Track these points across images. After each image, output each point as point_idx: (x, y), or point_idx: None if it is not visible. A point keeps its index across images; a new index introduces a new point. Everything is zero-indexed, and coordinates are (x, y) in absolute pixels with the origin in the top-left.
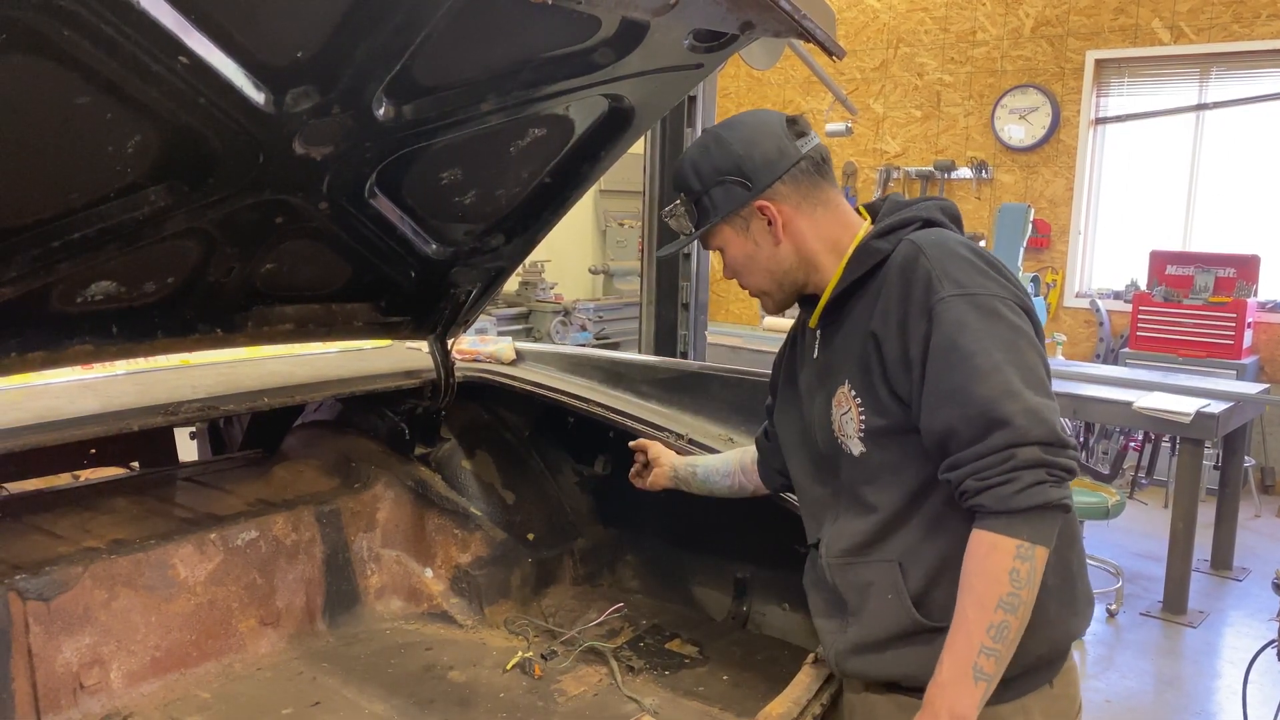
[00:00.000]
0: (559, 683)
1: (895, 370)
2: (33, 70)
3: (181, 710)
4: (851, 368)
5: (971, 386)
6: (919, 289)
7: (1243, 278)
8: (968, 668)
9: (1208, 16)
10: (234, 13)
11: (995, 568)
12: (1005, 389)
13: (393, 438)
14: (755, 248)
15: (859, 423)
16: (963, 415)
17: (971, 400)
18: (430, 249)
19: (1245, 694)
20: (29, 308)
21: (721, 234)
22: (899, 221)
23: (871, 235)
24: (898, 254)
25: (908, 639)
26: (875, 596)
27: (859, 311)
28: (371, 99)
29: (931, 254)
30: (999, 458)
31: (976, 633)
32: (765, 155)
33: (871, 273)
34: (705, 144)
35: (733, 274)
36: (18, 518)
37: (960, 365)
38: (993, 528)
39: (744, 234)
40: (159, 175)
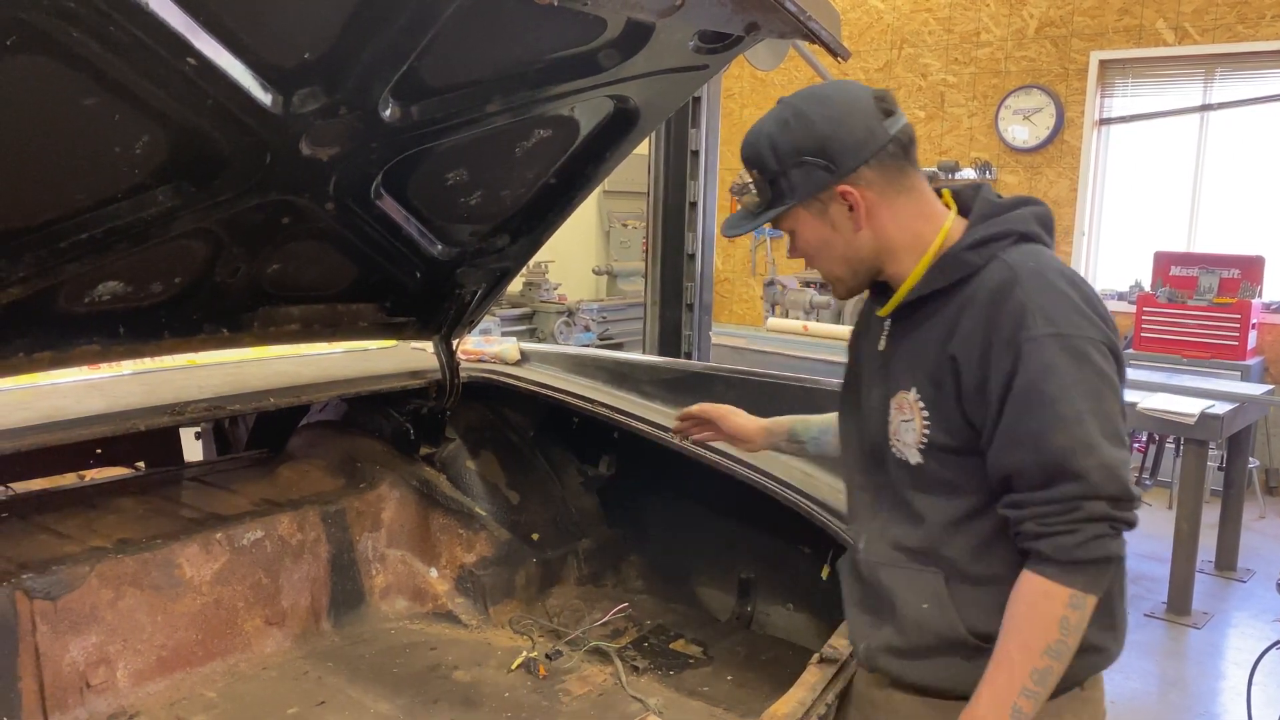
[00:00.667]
0: (564, 682)
1: (971, 397)
2: (42, 71)
3: (187, 709)
4: (922, 378)
5: (1050, 434)
6: (1009, 321)
7: (1247, 279)
8: (1007, 707)
9: (1212, 17)
10: (242, 14)
11: (1046, 615)
12: (1084, 441)
13: (398, 438)
14: (832, 233)
15: (921, 434)
16: (1036, 460)
17: (1047, 448)
18: (435, 249)
19: (1250, 695)
20: (37, 308)
21: (795, 216)
22: (992, 234)
23: (962, 245)
24: (990, 274)
25: (947, 651)
26: (913, 603)
27: (938, 322)
28: (378, 100)
29: (1028, 284)
30: (1065, 507)
31: (1019, 674)
32: (853, 136)
33: (955, 283)
34: (784, 118)
35: (802, 256)
36: (24, 517)
37: (1041, 410)
38: (1049, 574)
39: (821, 218)
40: (166, 176)
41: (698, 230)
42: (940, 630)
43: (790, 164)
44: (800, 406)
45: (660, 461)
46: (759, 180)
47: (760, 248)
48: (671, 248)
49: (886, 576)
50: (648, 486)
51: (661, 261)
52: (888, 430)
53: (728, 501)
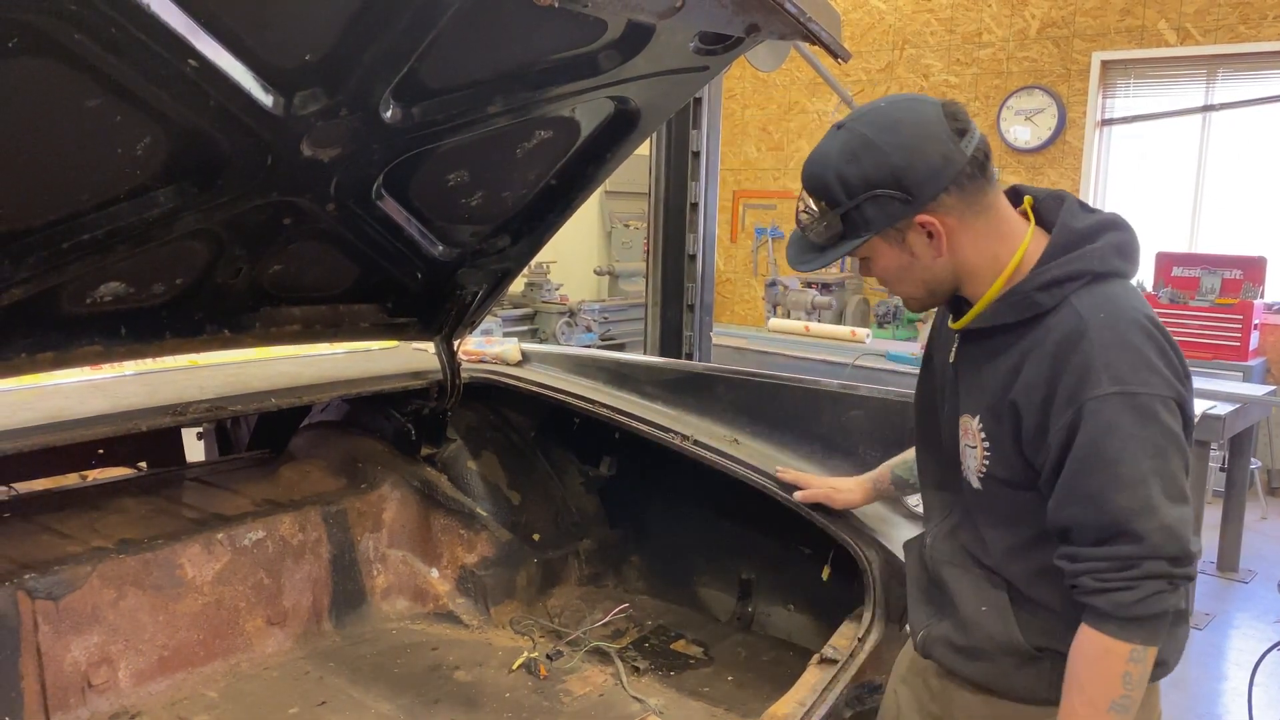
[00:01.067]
0: (564, 683)
1: (1030, 442)
2: (44, 73)
3: (189, 709)
4: (984, 408)
5: (1110, 494)
6: (1072, 377)
7: (1249, 279)
8: None
9: (1214, 18)
10: (243, 16)
11: (1109, 672)
12: (1145, 503)
13: (399, 438)
14: (911, 260)
15: (981, 463)
16: (1095, 519)
17: (1108, 508)
18: (437, 250)
19: (1251, 696)
20: (39, 308)
21: (871, 245)
22: (1067, 274)
23: (1034, 284)
24: (1060, 321)
25: (1002, 654)
26: (974, 605)
27: (1003, 360)
28: (379, 101)
29: (1095, 337)
30: (1122, 564)
31: None
32: (928, 164)
33: (1023, 321)
34: (852, 149)
35: (874, 277)
36: (26, 517)
37: (1102, 470)
38: (1107, 631)
39: (898, 246)
40: (168, 177)
41: (699, 231)
42: (996, 635)
43: (862, 198)
44: (801, 407)
45: (661, 462)
46: (826, 212)
47: (762, 248)
48: (672, 248)
49: (949, 575)
50: (648, 487)
51: (662, 262)
52: (957, 446)
53: (728, 503)
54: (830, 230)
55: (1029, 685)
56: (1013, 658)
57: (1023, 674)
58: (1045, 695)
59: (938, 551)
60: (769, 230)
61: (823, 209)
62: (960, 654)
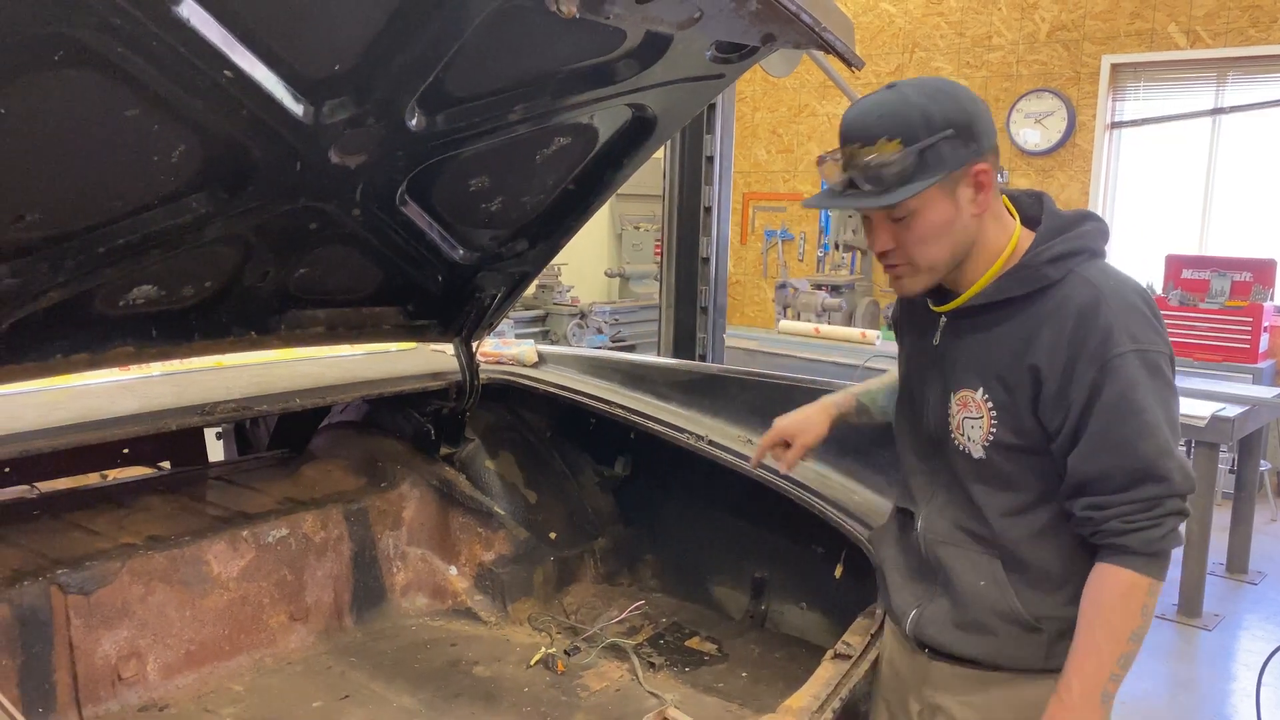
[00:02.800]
0: (581, 678)
1: (1049, 404)
2: (86, 84)
3: (215, 702)
4: (990, 379)
5: (1136, 441)
6: (1095, 338)
7: (1259, 281)
8: (1097, 692)
9: (1224, 21)
10: (277, 28)
11: (1133, 604)
12: (1165, 447)
13: (418, 438)
14: (954, 215)
15: (988, 432)
16: (1122, 465)
17: (1135, 454)
18: (457, 254)
19: (1259, 696)
20: (74, 311)
21: (927, 195)
22: (1068, 250)
23: (1042, 258)
24: (1072, 290)
25: (1001, 626)
26: (969, 579)
27: (1010, 329)
28: (405, 110)
29: (1112, 304)
30: (1149, 504)
31: (1108, 662)
32: (989, 118)
33: (1029, 294)
34: (933, 90)
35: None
36: (56, 515)
37: (1129, 420)
38: (1134, 567)
39: (949, 198)
40: (201, 183)
41: (712, 234)
42: (996, 606)
43: (941, 135)
44: None
45: (675, 462)
46: (901, 153)
47: (772, 250)
48: (686, 251)
49: (945, 553)
50: (663, 487)
51: (676, 265)
52: (948, 423)
53: (741, 501)
54: (904, 167)
55: (1028, 655)
56: (1013, 627)
57: (1023, 644)
58: (1042, 664)
59: (932, 531)
60: (779, 232)
61: (894, 148)
62: (959, 630)
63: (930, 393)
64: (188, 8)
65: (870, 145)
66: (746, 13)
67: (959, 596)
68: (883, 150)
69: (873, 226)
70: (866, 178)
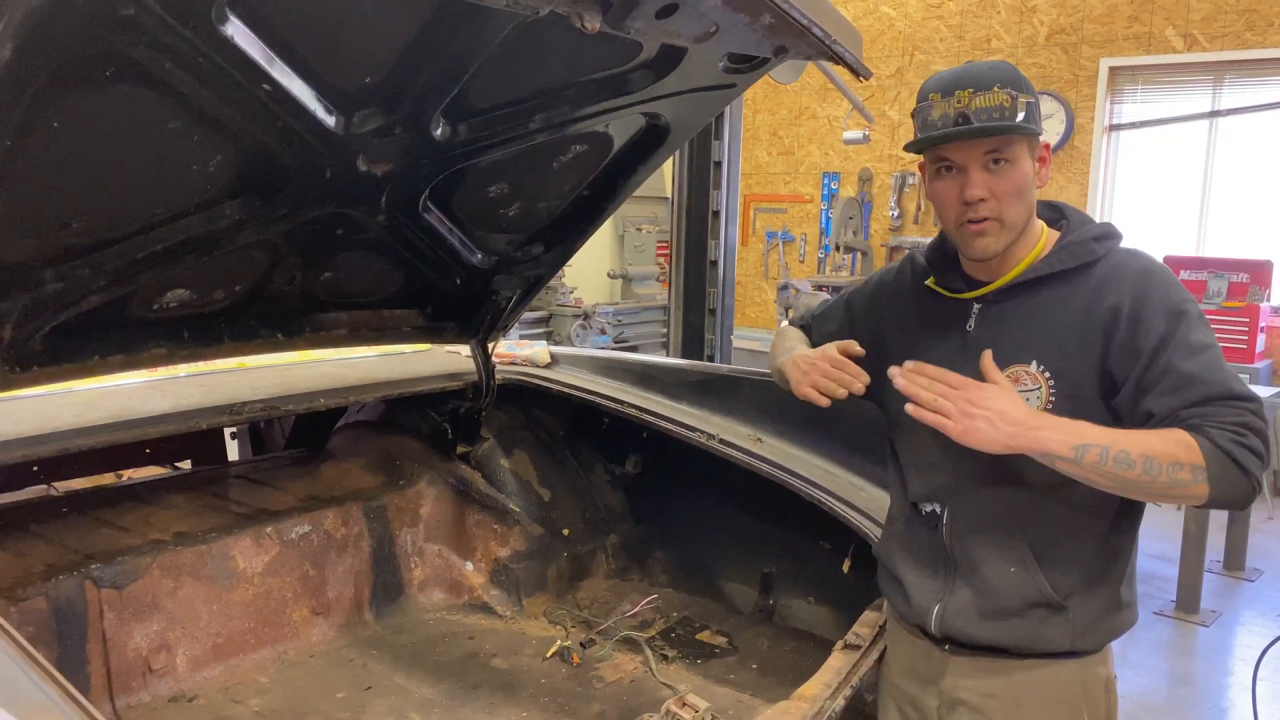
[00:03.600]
0: (596, 670)
1: (1118, 356)
2: (134, 98)
3: (242, 693)
4: (1048, 350)
5: (1218, 371)
6: (1158, 293)
7: (1255, 282)
8: (1080, 440)
9: (1221, 24)
10: (313, 43)
11: (1176, 451)
12: (1235, 375)
13: (435, 437)
14: (1032, 177)
15: (1046, 402)
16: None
17: (1215, 380)
18: (475, 258)
19: (1255, 689)
20: (112, 314)
21: (1023, 149)
22: (1107, 233)
23: (1089, 235)
24: (1126, 260)
25: (1027, 610)
26: (998, 567)
27: (1066, 299)
28: (430, 120)
29: (1160, 268)
30: (1240, 412)
31: (1122, 443)
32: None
33: (1076, 268)
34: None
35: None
36: (84, 512)
37: (1203, 354)
38: (1200, 445)
39: (1032, 158)
40: (235, 191)
41: (720, 237)
42: (1023, 590)
43: (1035, 100)
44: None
45: (685, 460)
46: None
47: (773, 251)
48: (695, 254)
49: (972, 543)
50: (673, 484)
51: (685, 267)
52: None
53: (750, 498)
54: (1019, 110)
55: (1055, 637)
56: (1040, 610)
57: (1049, 626)
58: (1069, 646)
59: (959, 522)
60: (780, 234)
61: (1008, 95)
62: (987, 619)
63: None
64: (233, 26)
65: (987, 90)
66: (760, 26)
67: (985, 585)
68: (997, 95)
69: (966, 177)
70: (985, 117)
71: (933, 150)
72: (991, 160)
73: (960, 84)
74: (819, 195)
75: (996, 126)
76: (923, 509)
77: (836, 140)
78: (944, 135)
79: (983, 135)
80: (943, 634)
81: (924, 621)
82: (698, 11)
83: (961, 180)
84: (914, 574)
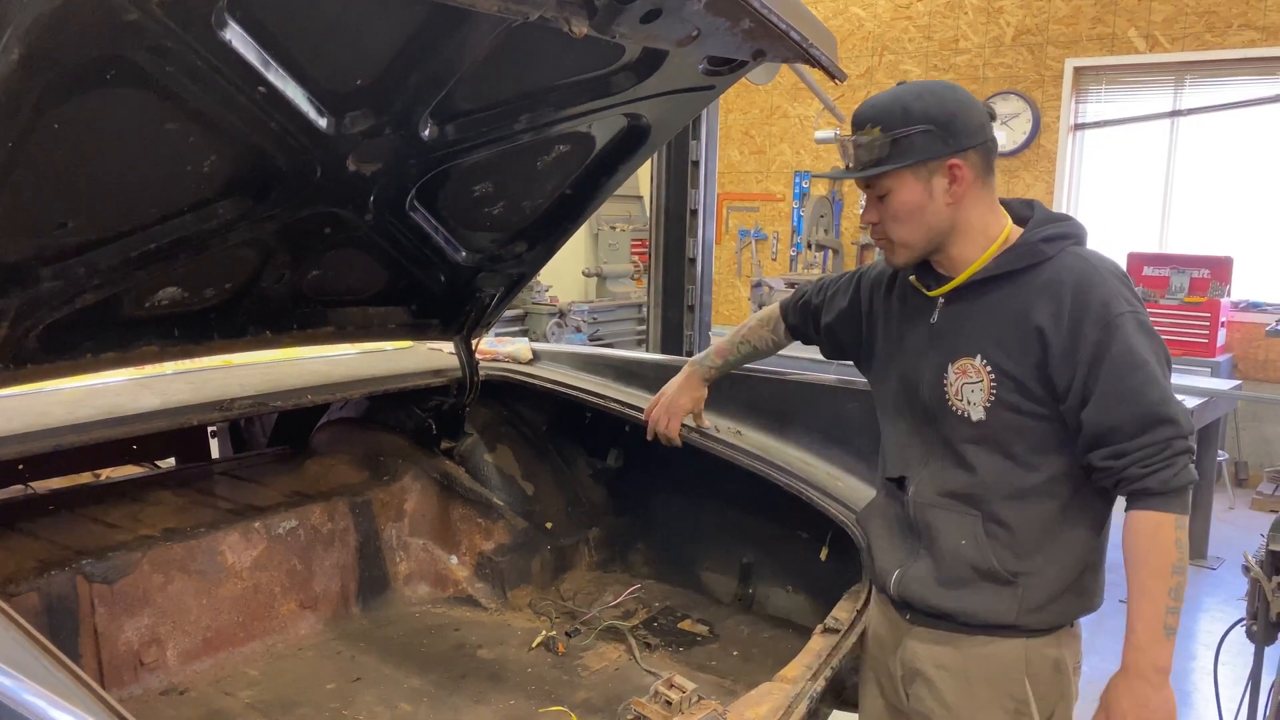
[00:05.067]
0: (581, 659)
1: (1057, 364)
2: (133, 101)
3: (233, 686)
4: (989, 345)
5: (1145, 390)
6: (1096, 303)
7: (1216, 278)
8: (1159, 627)
9: (1181, 26)
10: (308, 47)
11: (1165, 541)
12: (1166, 395)
13: (419, 433)
14: (927, 200)
15: (988, 395)
16: (1134, 413)
17: (1144, 401)
18: (460, 256)
19: (1216, 672)
20: (105, 312)
21: (900, 177)
22: (1060, 233)
23: (1038, 237)
24: (1067, 264)
25: (979, 581)
26: (953, 539)
27: (1008, 299)
28: (419, 121)
29: (1103, 274)
30: (1161, 447)
31: (1160, 598)
32: (972, 120)
33: (1025, 268)
34: (920, 91)
35: (881, 219)
36: (73, 509)
37: (1136, 372)
38: (1156, 507)
39: (923, 184)
40: (228, 191)
41: (698, 235)
42: (975, 562)
43: (917, 128)
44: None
45: (665, 453)
46: (879, 138)
47: (745, 249)
48: (673, 252)
49: (932, 516)
50: (653, 477)
51: (664, 266)
52: (945, 393)
53: (729, 490)
54: (878, 151)
55: (1002, 609)
56: (990, 583)
57: (998, 598)
58: (1013, 620)
59: (922, 496)
60: (752, 232)
61: (874, 135)
62: (940, 586)
63: (926, 369)
64: (231, 30)
65: (860, 130)
66: (740, 31)
67: (941, 555)
68: (868, 134)
69: (867, 203)
70: (854, 157)
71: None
72: (874, 194)
73: (852, 121)
74: (791, 194)
75: (859, 169)
76: (896, 481)
77: (808, 139)
78: (829, 174)
79: (846, 177)
80: (901, 598)
81: (885, 583)
82: (680, 16)
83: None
84: (882, 539)
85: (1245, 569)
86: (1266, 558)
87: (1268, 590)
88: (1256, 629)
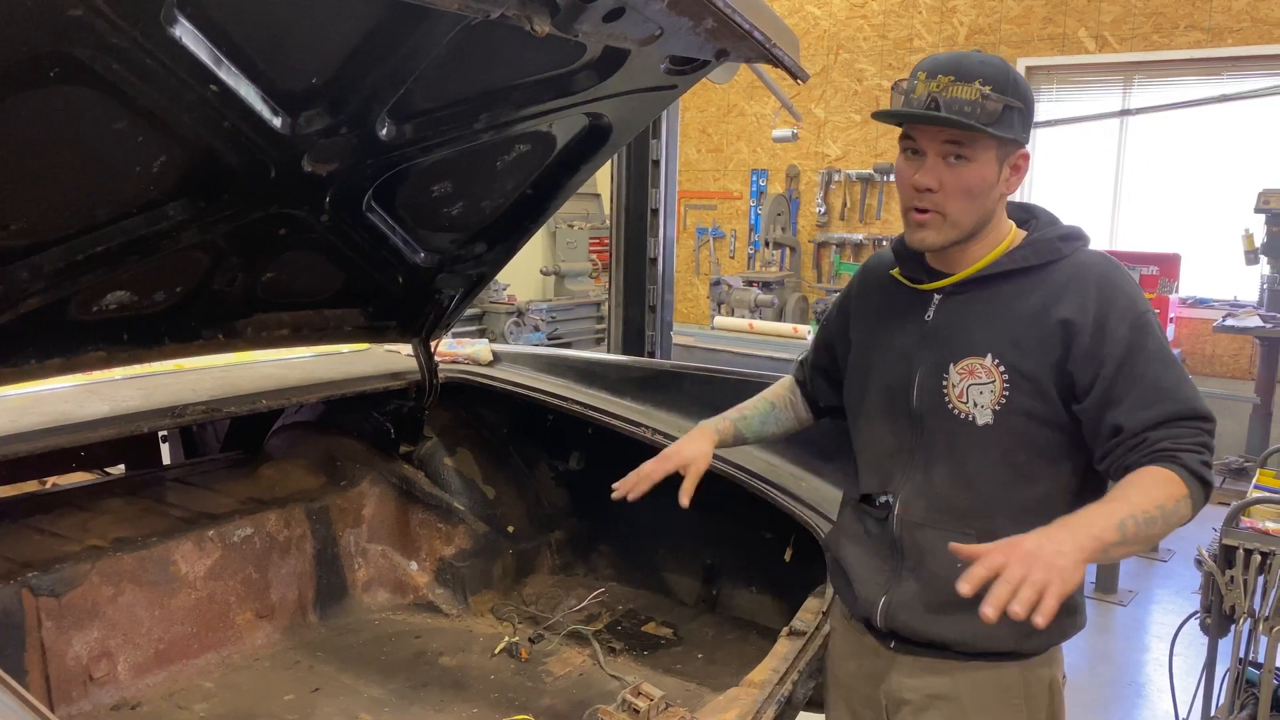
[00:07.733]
0: (545, 664)
1: (1081, 359)
2: (78, 99)
3: (187, 699)
4: (1002, 344)
5: (1182, 386)
6: (1122, 299)
7: (1165, 275)
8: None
9: (1130, 27)
10: (261, 45)
11: (1170, 490)
12: (1198, 392)
13: (377, 437)
14: (993, 182)
15: (999, 396)
16: (1173, 409)
17: (1181, 397)
18: (419, 257)
19: (1171, 664)
20: (50, 317)
21: (989, 150)
22: (1074, 234)
23: (1054, 235)
24: (1089, 262)
25: (971, 607)
26: (943, 561)
27: (1023, 295)
28: (376, 120)
29: (1123, 273)
30: (1197, 430)
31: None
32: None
33: (1043, 265)
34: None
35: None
36: (17, 519)
37: (1170, 369)
38: (1179, 473)
39: (999, 164)
40: (179, 191)
41: (659, 235)
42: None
43: (1018, 104)
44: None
45: (627, 455)
46: (993, 96)
47: (704, 247)
48: (634, 252)
49: (921, 536)
50: (615, 479)
51: (625, 265)
52: (944, 395)
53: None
54: (992, 110)
55: (1002, 636)
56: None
57: (995, 624)
58: (1013, 646)
59: (910, 514)
60: (710, 230)
61: (988, 94)
62: (932, 613)
63: (918, 370)
64: (181, 27)
65: (967, 82)
66: (703, 30)
67: (932, 577)
68: (977, 89)
69: (923, 163)
70: (954, 108)
71: (904, 128)
72: (952, 154)
73: (946, 69)
74: (748, 192)
75: (958, 120)
76: (875, 499)
77: (765, 138)
78: (905, 114)
79: (943, 125)
80: (888, 627)
81: (870, 614)
82: (643, 16)
83: (919, 165)
84: (862, 565)
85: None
86: (1220, 551)
87: (1221, 584)
88: (1210, 622)
